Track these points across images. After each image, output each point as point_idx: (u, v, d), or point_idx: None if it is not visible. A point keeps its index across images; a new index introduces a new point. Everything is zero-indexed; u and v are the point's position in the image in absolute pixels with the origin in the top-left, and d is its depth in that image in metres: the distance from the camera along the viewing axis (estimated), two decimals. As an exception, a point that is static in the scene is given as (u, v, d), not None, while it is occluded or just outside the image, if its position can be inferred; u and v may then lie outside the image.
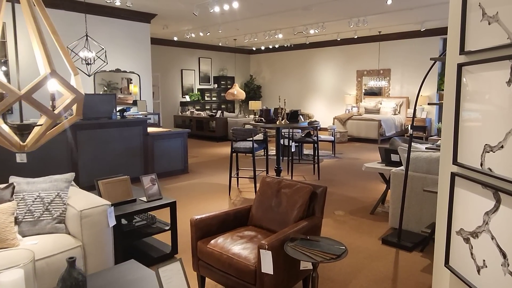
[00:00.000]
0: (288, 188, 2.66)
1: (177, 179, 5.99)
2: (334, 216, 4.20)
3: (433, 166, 3.48)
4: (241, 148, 4.95)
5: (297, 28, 9.98)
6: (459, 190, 1.92)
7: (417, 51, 10.79)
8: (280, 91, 14.48)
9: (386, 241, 3.42)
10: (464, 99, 1.90)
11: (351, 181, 5.81)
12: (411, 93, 11.03)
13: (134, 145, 5.68)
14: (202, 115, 11.40)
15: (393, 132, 10.43)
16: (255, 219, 2.70)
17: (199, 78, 13.78)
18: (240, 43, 13.07)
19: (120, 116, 5.66)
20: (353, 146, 9.57)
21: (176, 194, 5.07)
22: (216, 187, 5.46)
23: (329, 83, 13.05)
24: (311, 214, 2.61)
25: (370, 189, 5.34)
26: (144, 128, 5.77)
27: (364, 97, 12.07)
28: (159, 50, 12.11)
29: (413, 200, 3.58)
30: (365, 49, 11.89)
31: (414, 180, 3.55)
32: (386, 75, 11.48)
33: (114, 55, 7.93)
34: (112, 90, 8.62)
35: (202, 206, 4.58)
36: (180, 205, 4.56)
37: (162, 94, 12.38)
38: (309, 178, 6.04)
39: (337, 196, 5.00)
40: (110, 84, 8.53)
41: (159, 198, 3.10)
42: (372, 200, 4.79)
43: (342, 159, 7.78)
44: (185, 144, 6.33)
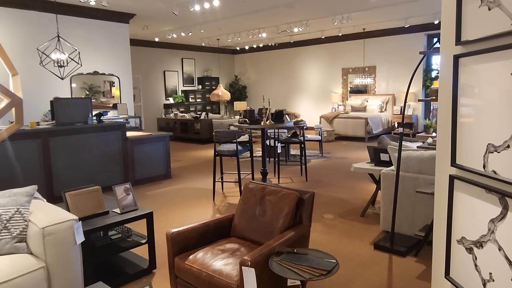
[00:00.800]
0: (273, 195, 2.46)
1: (159, 185, 5.73)
2: (323, 220, 4.01)
3: (425, 165, 3.32)
4: (225, 151, 4.73)
5: (281, 26, 9.81)
6: (459, 194, 1.74)
7: (402, 48, 10.73)
8: (265, 91, 14.29)
9: (379, 246, 3.24)
10: (462, 94, 1.73)
11: (339, 182, 5.65)
12: (397, 90, 10.97)
13: (113, 151, 5.41)
14: (186, 117, 11.13)
15: (380, 130, 10.34)
16: (238, 229, 2.49)
17: (183, 80, 13.50)
18: (223, 43, 12.84)
19: (97, 120, 5.38)
20: (340, 145, 9.44)
21: (157, 202, 4.83)
22: (200, 192, 5.23)
23: (315, 82, 12.92)
24: (298, 222, 2.41)
25: (359, 190, 5.18)
26: (123, 132, 5.50)
27: (350, 95, 11.98)
28: (140, 51, 11.80)
29: (405, 202, 3.42)
30: (350, 46, 11.80)
31: (406, 180, 3.39)
32: (371, 72, 11.39)
33: (91, 57, 7.62)
34: (94, 94, 8.30)
35: (185, 213, 4.34)
36: (161, 214, 4.32)
37: (144, 96, 12.06)
38: (296, 180, 5.86)
39: (325, 198, 4.82)
40: (92, 88, 8.22)
41: (134, 209, 2.86)
42: (362, 201, 4.62)
43: (330, 158, 7.63)
44: (167, 148, 6.08)
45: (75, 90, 7.97)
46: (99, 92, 10.72)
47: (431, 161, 3.28)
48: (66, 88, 7.33)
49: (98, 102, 8.34)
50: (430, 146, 2.76)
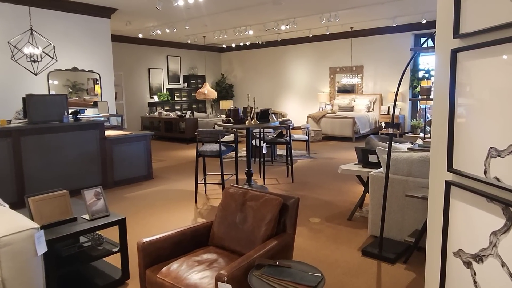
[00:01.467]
0: (255, 200, 2.27)
1: (140, 186, 5.50)
2: (309, 224, 3.85)
3: (415, 168, 3.18)
4: (208, 152, 4.53)
5: (268, 24, 9.63)
6: (456, 202, 1.59)
7: (390, 47, 10.67)
8: (252, 90, 14.10)
9: (367, 252, 3.09)
10: (460, 92, 1.57)
11: (326, 183, 5.50)
12: (384, 89, 10.91)
13: (90, 151, 5.15)
14: (171, 115, 10.87)
15: (368, 130, 10.26)
16: (217, 238, 2.30)
17: (168, 78, 13.22)
18: (209, 41, 12.60)
19: (73, 118, 5.12)
20: (327, 145, 9.32)
21: (136, 204, 4.60)
22: (182, 195, 5.02)
23: (302, 81, 12.79)
24: (282, 230, 2.24)
25: (346, 192, 5.04)
26: (101, 131, 5.25)
27: (338, 95, 11.88)
28: (123, 48, 11.48)
29: (393, 206, 3.28)
30: (338, 45, 11.69)
31: (395, 183, 3.25)
32: (359, 72, 11.31)
33: (70, 53, 7.32)
34: (78, 92, 8.00)
35: (165, 217, 4.13)
36: (139, 218, 4.10)
37: (128, 94, 11.74)
38: (282, 181, 5.69)
39: (312, 201, 4.66)
40: (75, 85, 7.91)
41: (106, 215, 2.64)
42: (349, 204, 4.48)
43: (316, 159, 7.49)
44: (148, 148, 5.84)
45: (57, 87, 7.67)
46: (83, 89, 10.37)
47: (421, 163, 3.15)
48: (43, 85, 7.01)
49: (81, 100, 8.04)
50: (422, 148, 2.62)
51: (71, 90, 7.83)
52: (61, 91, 7.74)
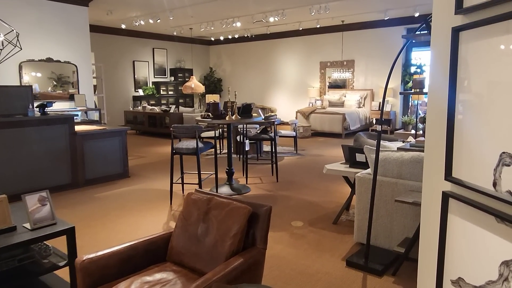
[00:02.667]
0: (220, 209, 1.95)
1: (114, 185, 5.14)
2: (291, 229, 3.54)
3: (405, 169, 2.88)
4: (183, 149, 4.19)
5: (256, 16, 9.26)
6: (456, 219, 1.28)
7: (381, 42, 10.39)
8: (241, 84, 13.74)
9: (352, 263, 2.79)
10: (464, 83, 1.26)
11: (313, 183, 5.20)
12: (375, 85, 10.63)
13: (58, 147, 4.77)
14: (156, 110, 10.47)
15: (358, 126, 9.99)
16: (175, 253, 1.97)
17: (154, 71, 12.79)
18: (197, 33, 12.19)
19: (40, 112, 4.74)
20: (316, 141, 9.02)
21: (105, 206, 4.25)
22: (158, 195, 4.68)
23: (292, 76, 12.46)
24: (251, 244, 1.92)
25: (333, 192, 4.75)
26: (71, 126, 4.87)
27: (329, 90, 11.58)
28: (105, 39, 11.04)
29: (381, 210, 2.98)
30: (328, 39, 11.38)
31: (383, 186, 2.95)
32: (350, 66, 11.02)
33: (44, 42, 6.90)
34: (63, 85, 7.60)
35: (134, 220, 3.79)
36: (106, 221, 3.75)
37: (109, 87, 11.28)
38: (266, 180, 5.37)
39: (296, 202, 4.35)
40: (60, 78, 7.50)
41: (52, 224, 2.29)
42: (335, 206, 4.18)
43: (304, 156, 7.18)
44: (123, 144, 5.48)
45: (40, 79, 7.26)
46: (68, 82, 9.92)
47: (412, 164, 2.85)
48: (11, 75, 6.57)
49: (65, 94, 7.62)
50: (413, 147, 2.33)
51: (56, 83, 7.42)
52: (45, 84, 7.35)
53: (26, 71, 7.10)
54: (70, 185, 4.91)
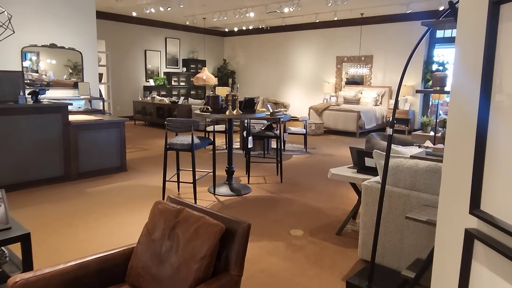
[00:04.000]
0: (189, 223, 1.62)
1: (108, 179, 4.88)
2: (289, 239, 3.20)
3: (419, 179, 2.49)
4: (178, 144, 3.88)
5: (270, 6, 8.86)
6: (483, 271, 0.92)
7: (402, 37, 9.84)
8: (254, 77, 13.39)
9: (352, 285, 2.43)
10: (502, 78, 0.89)
11: (319, 185, 4.82)
12: (394, 82, 10.10)
13: (51, 137, 4.53)
14: (165, 101, 10.21)
15: (374, 125, 9.51)
16: (134, 274, 1.65)
17: (166, 61, 12.54)
18: (210, 23, 11.86)
19: (33, 100, 4.50)
20: (328, 140, 8.61)
21: (92, 202, 3.98)
22: (152, 191, 4.40)
23: (307, 70, 12.01)
24: (223, 269, 1.58)
25: (340, 197, 4.37)
26: (64, 115, 4.62)
27: (344, 86, 11.10)
28: (117, 26, 10.83)
29: (390, 225, 2.60)
30: (346, 33, 10.87)
31: (393, 197, 2.57)
32: (368, 62, 10.51)
33: (48, 27, 6.68)
34: (79, 73, 7.44)
35: (119, 221, 3.50)
36: (89, 220, 3.48)
37: (120, 76, 11.09)
38: (270, 180, 5.03)
39: (298, 207, 4.00)
40: (76, 66, 7.32)
41: (5, 228, 2.01)
42: (341, 213, 3.81)
43: (314, 155, 6.80)
44: (121, 136, 5.21)
45: (55, 67, 7.10)
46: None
47: (428, 174, 2.46)
48: (14, 61, 6.37)
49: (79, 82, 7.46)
50: (430, 156, 1.95)
51: (72, 71, 7.22)
52: (61, 71, 7.19)
53: (42, 58, 6.98)
54: (62, 178, 4.68)
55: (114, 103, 10.99)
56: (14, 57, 6.35)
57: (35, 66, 6.98)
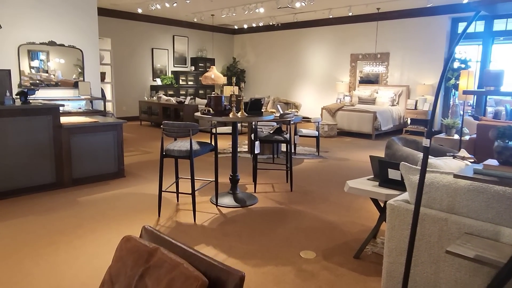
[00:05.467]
0: (161, 272, 1.19)
1: (103, 187, 4.51)
2: (299, 262, 2.76)
3: (460, 200, 2.03)
4: (175, 151, 3.47)
5: (281, 1, 8.40)
6: None
7: (421, 33, 9.28)
8: (265, 76, 12.96)
9: (376, 330, 1.98)
10: None
11: (333, 195, 4.37)
12: (412, 81, 9.55)
13: (40, 142, 4.18)
14: (172, 101, 9.85)
15: (390, 126, 8.99)
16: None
17: (174, 59, 12.19)
18: (219, 20, 11.46)
19: (22, 101, 4.15)
20: (342, 142, 8.12)
21: (83, 214, 3.60)
22: (149, 201, 4.00)
23: (320, 69, 11.52)
24: (207, 337, 1.15)
25: (357, 209, 3.90)
26: (55, 117, 4.26)
27: (359, 85, 10.58)
28: (123, 24, 10.52)
29: (423, 255, 2.14)
30: (361, 29, 10.35)
31: (427, 221, 2.11)
32: (384, 60, 9.96)
33: (46, 24, 6.36)
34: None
35: (107, 238, 3.11)
36: (74, 238, 3.09)
37: (124, 75, 10.75)
38: (279, 188, 4.59)
39: (310, 222, 3.55)
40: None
41: None
42: (359, 230, 3.35)
43: (327, 159, 6.33)
44: (119, 140, 4.83)
45: (64, 66, 6.81)
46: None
47: (470, 194, 1.99)
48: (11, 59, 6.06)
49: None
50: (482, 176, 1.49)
51: (81, 70, 6.92)
52: (70, 71, 6.91)
53: (52, 57, 6.71)
54: (54, 185, 4.32)
55: (120, 103, 10.70)
56: (10, 55, 6.04)
57: (46, 66, 6.73)
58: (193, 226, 3.37)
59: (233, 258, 2.78)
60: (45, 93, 6.46)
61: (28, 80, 6.43)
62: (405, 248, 2.19)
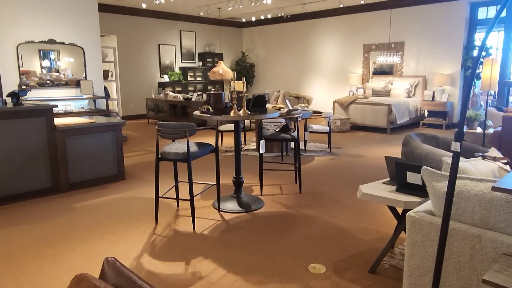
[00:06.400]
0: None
1: (102, 191, 4.28)
2: (307, 278, 2.46)
3: (495, 213, 1.69)
4: (171, 154, 3.19)
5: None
6: None
7: (438, 20, 8.79)
8: (275, 70, 12.61)
9: None
10: None
11: (346, 197, 4.04)
12: (429, 71, 9.08)
13: (33, 145, 3.96)
14: (179, 98, 9.61)
15: (406, 119, 8.56)
16: None
17: (181, 55, 11.94)
18: (226, 13, 11.14)
19: (13, 102, 3.93)
20: (355, 137, 7.75)
21: (76, 222, 3.37)
22: (147, 207, 3.75)
23: (331, 61, 11.11)
24: None
25: (372, 213, 3.58)
26: (49, 119, 4.03)
27: (372, 77, 10.14)
28: (128, 20, 10.29)
29: (451, 277, 1.81)
30: (374, 18, 9.89)
31: (455, 238, 1.78)
32: (398, 49, 9.50)
33: (45, 21, 6.16)
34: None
35: (97, 252, 2.86)
36: (61, 250, 2.85)
37: (131, 72, 10.54)
38: (288, 190, 4.29)
39: (320, 228, 3.24)
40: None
41: None
42: (374, 238, 3.03)
43: (339, 156, 5.99)
44: (118, 141, 4.60)
45: (73, 65, 6.65)
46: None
47: (509, 207, 1.65)
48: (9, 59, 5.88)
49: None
50: None
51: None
52: (80, 70, 6.75)
53: (62, 56, 6.56)
54: (49, 190, 4.11)
55: (127, 101, 10.53)
56: (8, 54, 5.86)
57: (57, 66, 6.58)
58: (192, 235, 3.10)
59: (232, 274, 2.49)
60: (47, 93, 6.28)
61: (37, 80, 6.28)
62: (429, 268, 1.87)
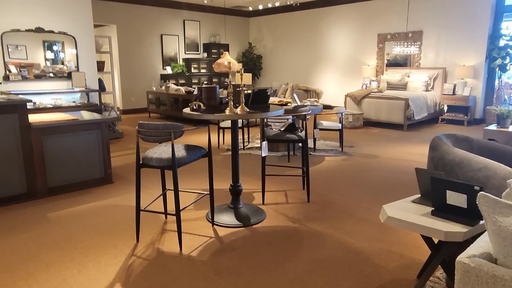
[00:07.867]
0: None
1: (85, 196, 3.80)
2: (315, 324, 1.93)
3: None
4: (154, 159, 2.67)
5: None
6: None
7: (458, 7, 8.08)
8: (283, 62, 12.00)
9: None
10: None
11: (361, 207, 3.50)
12: (449, 62, 8.40)
13: (4, 145, 3.49)
14: (181, 91, 9.09)
15: (425, 115, 7.93)
16: None
17: (185, 46, 11.40)
18: (231, 2, 10.55)
19: (-18, 97, 3.45)
20: (369, 134, 7.16)
21: (43, 238, 2.88)
22: (130, 219, 3.25)
23: (343, 52, 10.46)
24: None
25: (392, 229, 3.03)
26: (22, 116, 3.55)
27: (386, 69, 9.49)
28: (129, 9, 9.77)
29: None
30: (390, 5, 9.21)
31: None
32: (416, 39, 8.82)
33: (32, 8, 5.66)
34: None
35: (61, 279, 2.37)
36: (18, 277, 2.36)
37: (132, 64, 10.04)
38: (294, 197, 3.75)
39: (330, 250, 2.71)
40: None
41: None
42: (398, 265, 2.49)
43: (352, 156, 5.43)
44: (104, 140, 4.10)
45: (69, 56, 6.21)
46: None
47: None
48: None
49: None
50: None
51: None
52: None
53: (66, 47, 6.11)
54: (25, 196, 3.65)
55: (128, 94, 10.06)
56: (-10, 44, 5.39)
57: (63, 57, 6.14)
58: (177, 258, 2.59)
59: (221, 316, 1.98)
60: (35, 86, 5.81)
61: (37, 73, 5.84)
62: (489, 337, 1.33)
